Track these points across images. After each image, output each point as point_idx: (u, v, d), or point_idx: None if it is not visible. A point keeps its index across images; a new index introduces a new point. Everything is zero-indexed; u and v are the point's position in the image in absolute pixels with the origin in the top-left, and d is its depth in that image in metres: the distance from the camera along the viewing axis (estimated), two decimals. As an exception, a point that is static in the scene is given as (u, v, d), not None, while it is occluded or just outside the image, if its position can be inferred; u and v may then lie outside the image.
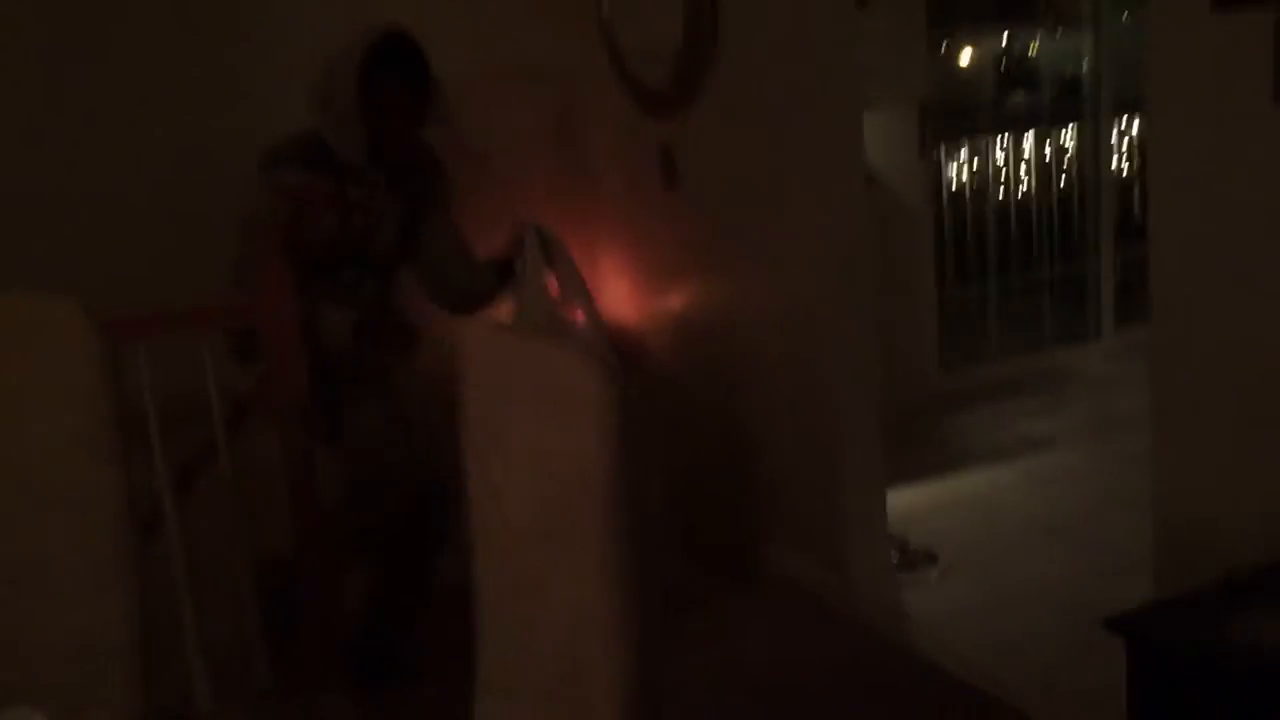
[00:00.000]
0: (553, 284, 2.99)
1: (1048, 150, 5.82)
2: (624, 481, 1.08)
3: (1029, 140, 5.80)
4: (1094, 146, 5.73)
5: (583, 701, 1.12)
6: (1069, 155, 5.85)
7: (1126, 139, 5.96)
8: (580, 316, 2.95)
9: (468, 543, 1.32)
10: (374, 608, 3.07)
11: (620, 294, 4.07)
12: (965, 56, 5.64)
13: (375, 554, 3.04)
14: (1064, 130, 5.83)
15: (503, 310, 3.19)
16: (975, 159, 5.72)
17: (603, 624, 1.11)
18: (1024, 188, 5.79)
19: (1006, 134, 5.75)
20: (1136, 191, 6.05)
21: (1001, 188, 5.76)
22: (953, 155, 5.61)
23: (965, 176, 5.69)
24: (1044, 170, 5.83)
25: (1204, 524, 2.28)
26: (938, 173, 5.37)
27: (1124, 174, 5.94)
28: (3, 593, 1.68)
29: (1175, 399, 2.36)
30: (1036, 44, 5.87)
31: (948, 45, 5.50)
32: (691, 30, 3.44)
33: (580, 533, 1.11)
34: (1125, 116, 5.86)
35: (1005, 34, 5.80)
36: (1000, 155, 5.77)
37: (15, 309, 1.67)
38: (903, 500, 3.83)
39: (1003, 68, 5.88)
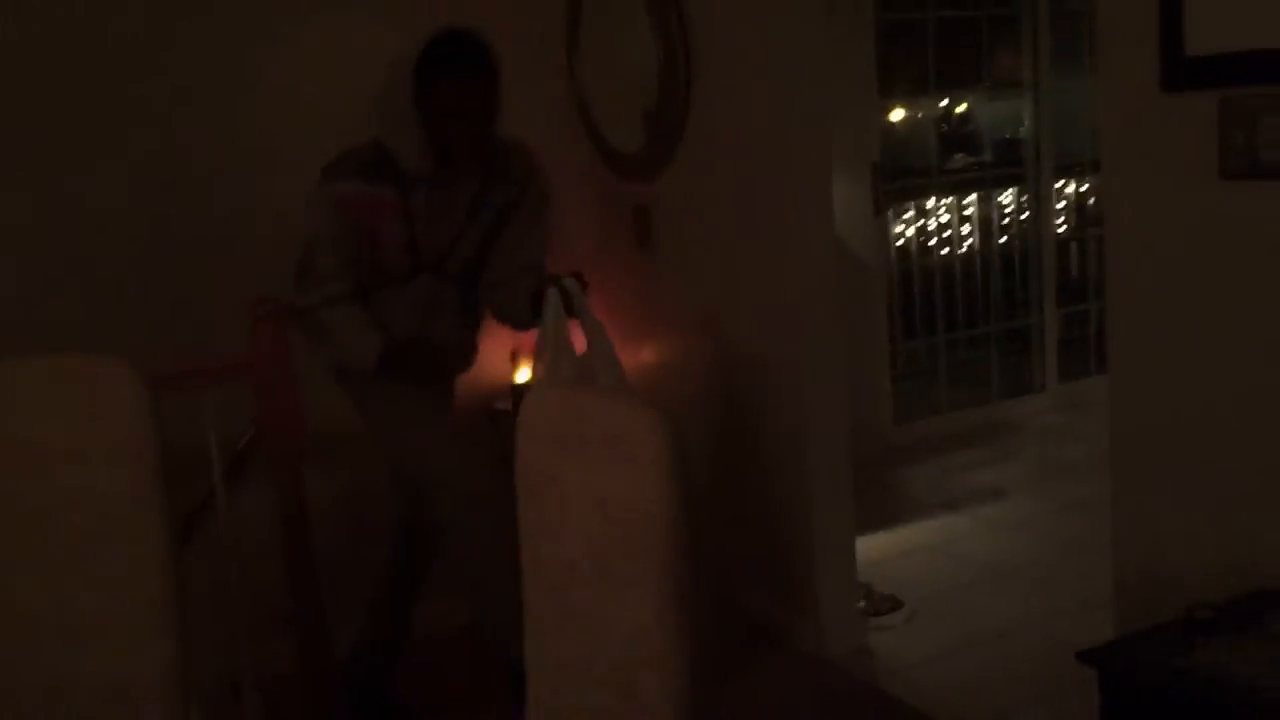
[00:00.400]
0: (578, 337, 2.98)
1: (991, 210, 6.08)
2: (683, 524, 1.20)
3: (972, 201, 6.06)
4: (1035, 206, 6.00)
5: (633, 713, 1.23)
6: (1010, 215, 6.11)
7: (1065, 200, 6.24)
8: (603, 368, 2.96)
9: (521, 573, 1.43)
10: (362, 647, 3.14)
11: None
12: (911, 121, 5.89)
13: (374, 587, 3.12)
14: (1005, 191, 6.10)
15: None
16: (922, 219, 5.97)
17: (658, 651, 1.23)
18: (969, 247, 6.04)
19: (951, 195, 6.01)
20: (1075, 250, 6.33)
21: (947, 247, 6.00)
22: (901, 215, 5.84)
23: (913, 236, 5.92)
24: (987, 229, 6.08)
25: (1160, 566, 2.43)
26: (887, 232, 5.60)
27: (1063, 233, 6.21)
28: (50, 640, 1.75)
29: (1131, 449, 2.52)
30: (977, 108, 6.15)
31: (894, 110, 5.74)
32: (665, 94, 3.60)
33: (639, 569, 1.23)
34: (1064, 178, 6.14)
35: (947, 99, 6.06)
36: (945, 215, 6.03)
37: (66, 367, 1.77)
38: (866, 548, 3.96)
39: (946, 131, 6.14)
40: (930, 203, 5.97)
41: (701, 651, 1.28)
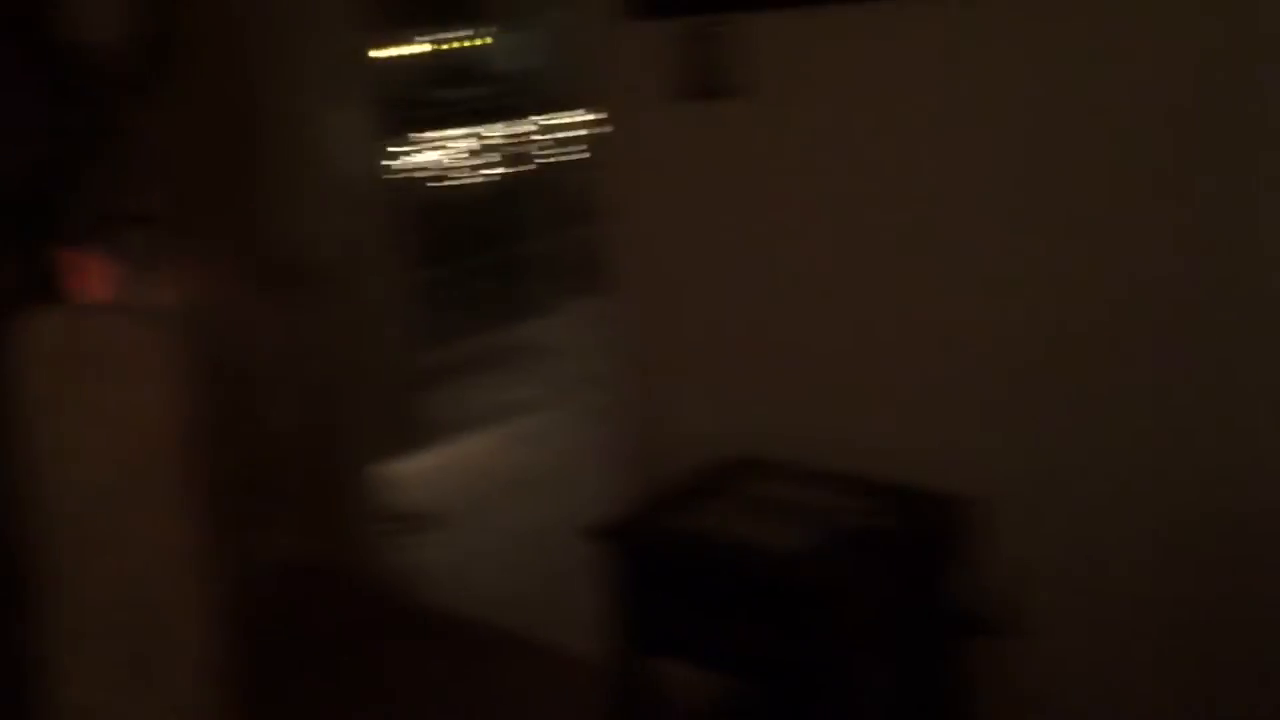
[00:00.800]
0: (123, 267, 2.74)
1: (496, 140, 6.29)
2: (202, 442, 1.21)
3: (479, 132, 6.24)
4: (537, 137, 6.28)
5: (165, 631, 1.24)
6: (515, 144, 6.36)
7: (566, 130, 6.57)
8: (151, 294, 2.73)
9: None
10: None
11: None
12: (413, 53, 5.95)
13: None
14: (509, 122, 6.33)
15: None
16: (430, 151, 6.07)
17: (184, 567, 1.24)
18: (475, 176, 6.22)
19: (455, 126, 6.16)
20: (576, 176, 6.69)
21: (455, 177, 6.15)
22: (409, 147, 5.90)
23: (421, 167, 6.01)
24: (494, 160, 6.29)
25: (664, 448, 2.70)
26: (395, 164, 5.65)
27: (564, 160, 6.54)
28: None
29: (636, 352, 2.76)
30: (479, 41, 6.32)
31: (396, 44, 5.77)
32: (152, 23, 3.42)
33: (160, 482, 1.23)
34: (564, 110, 6.46)
35: (453, 33, 6.18)
36: (453, 146, 6.17)
37: None
38: (399, 470, 4.05)
39: (448, 64, 6.26)
40: (436, 134, 6.08)
41: (248, 584, 1.30)
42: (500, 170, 6.31)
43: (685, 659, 2.25)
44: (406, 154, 5.85)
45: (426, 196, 5.97)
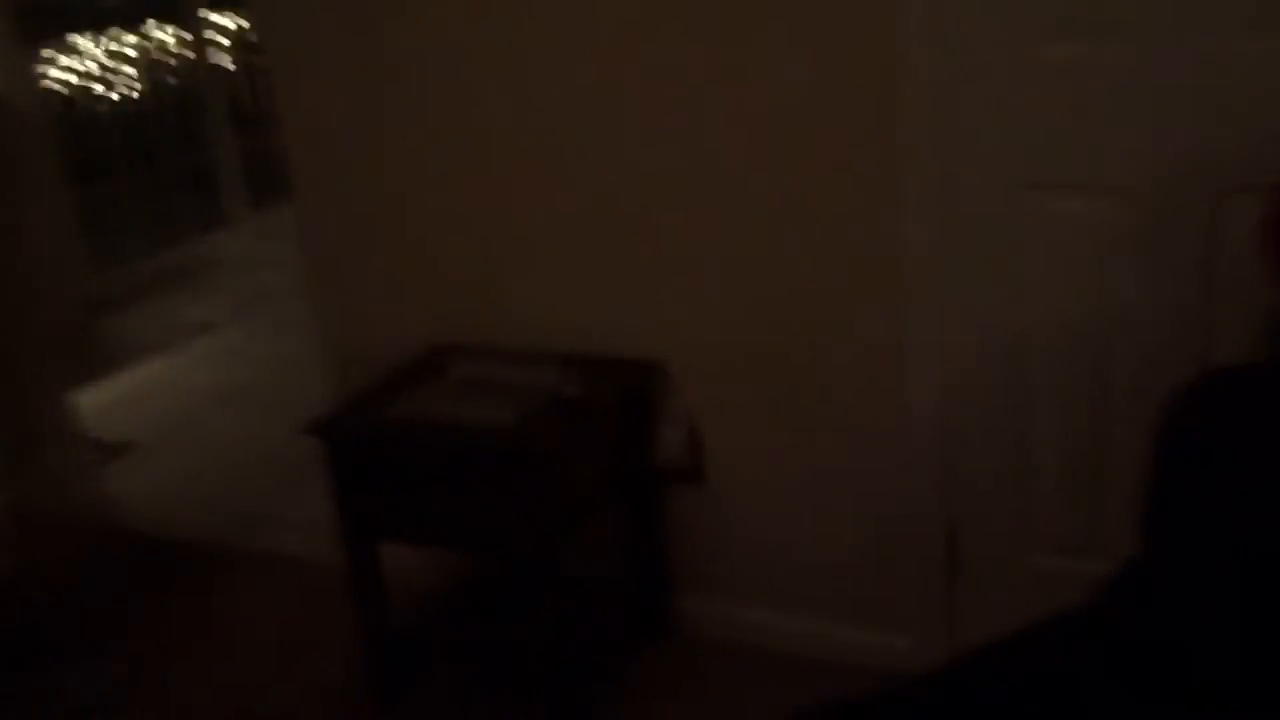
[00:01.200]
0: None
1: (151, 47, 5.96)
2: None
3: (132, 38, 5.88)
4: (196, 42, 5.99)
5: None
6: (174, 51, 6.05)
7: (227, 32, 6.30)
8: None
9: None
10: None
11: None
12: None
13: None
14: (165, 27, 6.00)
15: None
16: (79, 59, 5.69)
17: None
18: (133, 85, 5.89)
19: (108, 32, 5.79)
20: (245, 81, 6.44)
21: (108, 87, 5.81)
22: (54, 55, 5.51)
23: (74, 77, 5.64)
24: (153, 67, 5.97)
25: (360, 350, 2.76)
26: (42, 74, 5.29)
27: (230, 65, 6.27)
28: None
29: (321, 260, 2.77)
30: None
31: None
32: None
33: None
34: (220, 9, 6.18)
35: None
36: (104, 54, 5.80)
37: None
38: (87, 400, 3.91)
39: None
40: (84, 42, 5.70)
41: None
42: (158, 77, 5.99)
43: (414, 542, 2.37)
44: (57, 62, 5.46)
45: (84, 107, 5.61)
